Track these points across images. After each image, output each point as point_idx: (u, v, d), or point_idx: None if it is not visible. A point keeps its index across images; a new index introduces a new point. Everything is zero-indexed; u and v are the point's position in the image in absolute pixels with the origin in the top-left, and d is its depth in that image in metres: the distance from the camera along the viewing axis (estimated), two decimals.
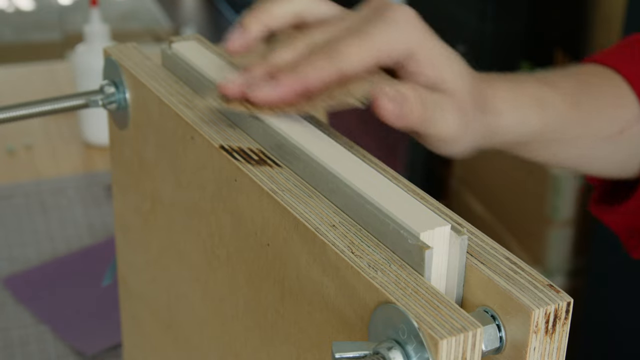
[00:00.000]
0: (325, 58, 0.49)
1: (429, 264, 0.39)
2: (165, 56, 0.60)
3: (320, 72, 0.49)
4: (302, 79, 0.49)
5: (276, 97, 0.49)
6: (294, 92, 0.49)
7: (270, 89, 0.49)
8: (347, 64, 0.49)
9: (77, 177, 1.27)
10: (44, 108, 0.60)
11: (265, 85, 0.49)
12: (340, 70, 0.49)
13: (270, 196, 0.45)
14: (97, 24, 1.29)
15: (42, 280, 1.03)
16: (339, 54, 0.49)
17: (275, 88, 0.49)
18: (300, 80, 0.49)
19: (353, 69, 0.49)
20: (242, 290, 0.50)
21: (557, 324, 0.38)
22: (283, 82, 0.49)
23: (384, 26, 0.50)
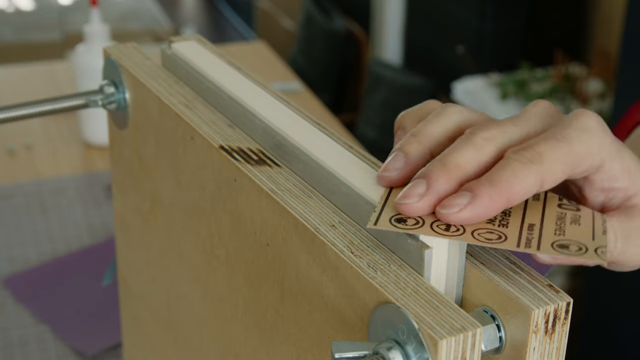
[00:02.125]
0: (525, 162, 0.40)
1: (429, 263, 0.39)
2: (165, 56, 0.60)
3: (523, 178, 0.40)
4: (504, 187, 0.39)
5: (477, 217, 0.39)
6: (498, 207, 0.39)
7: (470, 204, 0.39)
8: (549, 172, 0.40)
9: (77, 177, 1.27)
10: (44, 108, 0.60)
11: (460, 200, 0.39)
12: (544, 179, 0.40)
13: (269, 196, 0.45)
14: (97, 24, 1.29)
15: (42, 280, 1.03)
16: (538, 156, 0.40)
17: (474, 202, 0.39)
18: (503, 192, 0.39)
19: (553, 180, 0.41)
20: (242, 290, 0.50)
21: (557, 324, 0.38)
22: (482, 193, 0.39)
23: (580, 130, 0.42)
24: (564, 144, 0.41)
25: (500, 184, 0.39)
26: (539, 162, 0.40)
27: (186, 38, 0.61)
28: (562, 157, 0.41)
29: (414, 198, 0.40)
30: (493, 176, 0.40)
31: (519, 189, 0.40)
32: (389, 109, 2.52)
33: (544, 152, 0.41)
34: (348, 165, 0.45)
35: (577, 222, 0.41)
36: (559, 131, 0.42)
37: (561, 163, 0.41)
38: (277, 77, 1.65)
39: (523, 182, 0.40)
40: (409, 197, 0.40)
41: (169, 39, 0.61)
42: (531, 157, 0.40)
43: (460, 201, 0.39)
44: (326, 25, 2.86)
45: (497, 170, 0.40)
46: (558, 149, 0.41)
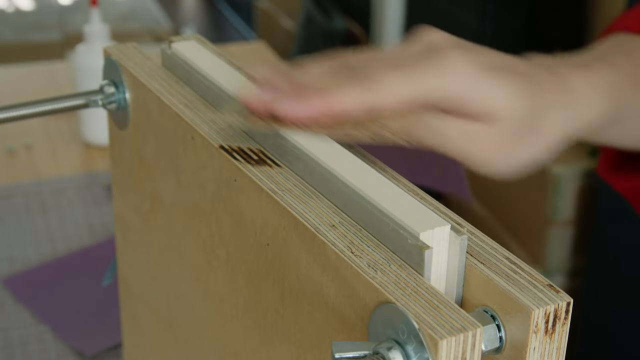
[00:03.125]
0: (357, 84, 0.45)
1: (429, 264, 0.39)
2: (165, 56, 0.60)
3: (351, 98, 0.45)
4: (328, 101, 0.45)
5: (303, 115, 0.45)
6: (322, 113, 0.45)
7: (298, 106, 0.45)
8: (382, 97, 0.45)
9: (77, 177, 1.27)
10: (44, 108, 0.60)
11: (292, 101, 0.45)
12: (374, 102, 0.45)
13: (270, 196, 0.45)
14: (97, 24, 1.29)
15: (42, 280, 1.03)
16: (375, 83, 0.45)
17: (303, 105, 0.45)
18: (326, 101, 0.45)
19: (388, 104, 0.45)
20: (242, 290, 0.50)
21: (557, 324, 0.38)
22: (311, 100, 0.45)
23: (434, 67, 0.46)
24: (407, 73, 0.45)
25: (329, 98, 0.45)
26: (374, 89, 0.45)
27: (186, 38, 0.61)
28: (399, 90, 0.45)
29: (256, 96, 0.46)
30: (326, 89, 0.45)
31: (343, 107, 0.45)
32: None
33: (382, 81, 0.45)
34: (348, 165, 0.45)
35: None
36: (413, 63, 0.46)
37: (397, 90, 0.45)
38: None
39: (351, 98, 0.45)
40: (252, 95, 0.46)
41: (169, 39, 0.61)
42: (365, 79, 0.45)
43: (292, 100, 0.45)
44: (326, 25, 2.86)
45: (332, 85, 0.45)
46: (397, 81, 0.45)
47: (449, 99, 0.47)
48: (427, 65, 0.46)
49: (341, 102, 0.45)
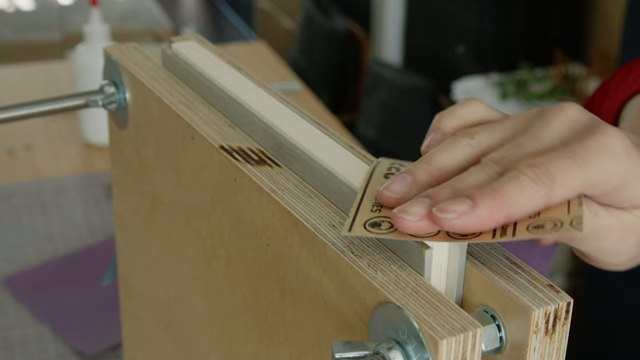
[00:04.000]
0: (536, 181, 0.39)
1: (429, 263, 0.39)
2: (165, 56, 0.60)
3: (529, 198, 0.38)
4: (506, 203, 0.38)
5: (472, 224, 0.38)
6: (495, 220, 0.38)
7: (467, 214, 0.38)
8: (559, 193, 0.39)
9: (77, 177, 1.27)
10: (44, 108, 0.60)
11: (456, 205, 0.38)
12: (550, 199, 0.39)
13: (270, 196, 0.45)
14: (97, 24, 1.29)
15: (42, 280, 1.03)
16: (550, 178, 0.39)
17: (472, 212, 0.38)
18: (503, 204, 0.38)
19: (562, 199, 0.39)
20: (242, 290, 0.50)
21: (557, 324, 0.38)
22: (482, 204, 0.38)
23: (600, 154, 0.40)
24: (580, 167, 0.39)
25: (504, 198, 0.38)
26: (550, 183, 0.39)
27: (186, 38, 0.61)
28: (575, 181, 0.39)
29: (415, 217, 0.38)
30: (497, 187, 0.38)
31: (522, 207, 0.38)
32: (389, 109, 2.52)
33: (556, 173, 0.39)
34: (348, 165, 0.45)
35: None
36: (577, 149, 0.40)
37: (573, 187, 0.39)
38: (277, 77, 1.65)
39: (528, 200, 0.38)
40: (409, 214, 0.38)
41: (169, 39, 0.61)
42: (543, 176, 0.39)
43: (459, 208, 0.38)
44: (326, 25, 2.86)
45: (504, 182, 0.38)
46: (573, 171, 0.39)
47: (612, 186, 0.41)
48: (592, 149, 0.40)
49: (517, 203, 0.38)
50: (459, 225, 0.38)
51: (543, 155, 0.40)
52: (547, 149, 0.41)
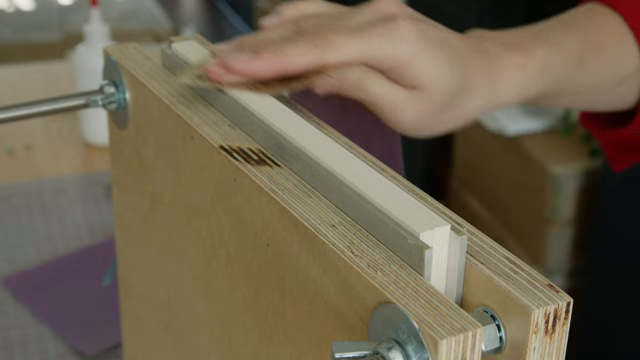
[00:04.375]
0: (311, 44, 0.49)
1: (429, 264, 0.39)
2: (165, 56, 0.60)
3: (302, 56, 0.49)
4: (282, 58, 0.49)
5: (252, 71, 0.49)
6: (271, 70, 0.49)
7: (248, 61, 0.49)
8: (331, 56, 0.49)
9: (77, 177, 1.27)
10: (44, 108, 0.60)
11: (244, 57, 0.49)
12: (322, 60, 0.49)
13: (269, 196, 0.45)
14: (97, 24, 1.29)
15: (42, 280, 1.03)
16: (326, 43, 0.49)
17: (253, 61, 0.49)
18: (279, 59, 0.49)
19: (336, 62, 0.49)
20: (242, 290, 0.50)
21: (557, 324, 0.38)
22: (262, 57, 0.49)
23: (383, 35, 0.50)
24: (358, 40, 0.49)
25: (280, 54, 0.49)
26: (324, 46, 0.49)
27: (186, 38, 0.61)
28: (349, 49, 0.49)
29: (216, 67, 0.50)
30: (279, 45, 0.49)
31: (294, 62, 0.49)
32: None
33: (332, 40, 0.49)
34: (348, 165, 0.45)
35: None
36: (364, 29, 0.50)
37: (347, 54, 0.49)
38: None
39: (300, 57, 0.49)
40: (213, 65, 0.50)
41: (169, 39, 0.61)
42: (319, 41, 0.49)
43: (243, 57, 0.49)
44: None
45: (285, 42, 0.49)
46: (349, 42, 0.49)
47: (391, 64, 0.51)
48: (377, 32, 0.50)
49: (292, 60, 0.49)
50: (239, 68, 0.49)
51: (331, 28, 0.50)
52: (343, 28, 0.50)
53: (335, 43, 0.49)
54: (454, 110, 0.56)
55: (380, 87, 0.52)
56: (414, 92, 0.53)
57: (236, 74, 0.50)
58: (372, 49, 0.50)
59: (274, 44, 0.50)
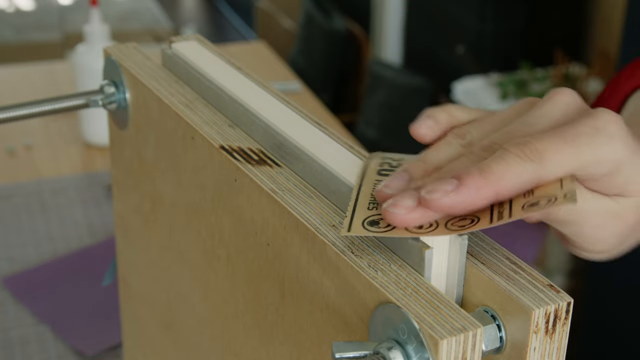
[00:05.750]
0: (523, 157, 0.38)
1: (429, 263, 0.39)
2: (165, 56, 0.60)
3: (517, 174, 0.38)
4: (493, 180, 0.38)
5: (461, 202, 0.38)
6: (484, 196, 0.38)
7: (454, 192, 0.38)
8: (549, 170, 0.39)
9: (77, 177, 1.27)
10: (44, 108, 0.60)
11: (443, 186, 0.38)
12: (540, 176, 0.39)
13: (270, 196, 0.45)
14: (97, 24, 1.29)
15: (42, 280, 1.03)
16: (538, 154, 0.39)
17: (459, 190, 0.38)
18: (490, 181, 0.38)
19: (553, 177, 0.39)
20: (242, 290, 0.50)
21: (557, 324, 0.38)
22: (467, 182, 0.38)
23: (593, 136, 0.40)
24: (570, 146, 0.39)
25: (490, 176, 0.38)
26: (538, 159, 0.38)
27: (186, 38, 0.61)
28: (565, 159, 0.39)
29: (404, 209, 0.38)
30: (484, 166, 0.38)
31: (509, 184, 0.38)
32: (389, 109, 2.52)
33: (544, 151, 0.39)
34: (348, 165, 0.45)
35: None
36: (569, 130, 0.40)
37: (563, 165, 0.39)
38: (277, 77, 1.65)
39: (515, 177, 0.38)
40: (398, 207, 0.39)
41: (169, 39, 0.61)
42: (530, 153, 0.38)
43: (445, 187, 0.38)
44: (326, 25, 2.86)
45: (490, 160, 0.38)
46: (562, 150, 0.39)
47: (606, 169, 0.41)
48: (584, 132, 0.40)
49: (506, 180, 0.38)
50: (447, 204, 0.38)
51: (532, 136, 0.40)
52: (537, 132, 0.40)
53: (549, 152, 0.39)
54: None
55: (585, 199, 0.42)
56: (619, 201, 0.43)
57: (436, 210, 0.38)
58: (583, 153, 0.40)
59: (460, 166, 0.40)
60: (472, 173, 0.38)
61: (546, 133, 0.40)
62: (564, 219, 0.42)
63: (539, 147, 0.39)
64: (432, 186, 0.38)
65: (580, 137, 0.40)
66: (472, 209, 0.38)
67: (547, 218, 0.42)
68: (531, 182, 0.39)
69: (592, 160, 0.40)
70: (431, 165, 0.41)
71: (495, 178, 0.38)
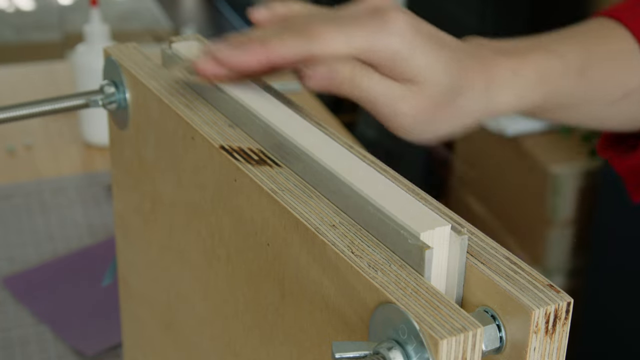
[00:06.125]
0: (296, 36, 0.49)
1: (429, 264, 0.39)
2: (165, 56, 0.60)
3: (287, 48, 0.49)
4: (268, 50, 0.49)
5: (239, 62, 0.50)
6: (257, 60, 0.50)
7: (235, 53, 0.50)
8: (318, 47, 0.49)
9: (77, 177, 1.27)
10: (44, 108, 0.60)
11: (235, 50, 0.50)
12: (309, 51, 0.49)
13: (270, 196, 0.45)
14: (97, 24, 1.29)
15: (42, 280, 1.03)
16: (313, 35, 0.49)
17: (240, 53, 0.50)
18: (265, 51, 0.49)
19: (323, 54, 0.49)
20: (242, 290, 0.50)
21: (557, 324, 0.38)
22: (249, 49, 0.50)
23: (375, 27, 0.50)
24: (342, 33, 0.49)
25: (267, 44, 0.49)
26: (308, 38, 0.49)
27: (186, 38, 0.61)
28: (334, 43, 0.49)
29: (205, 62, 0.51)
30: (264, 38, 0.50)
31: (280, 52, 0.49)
32: None
33: (316, 32, 0.49)
34: (348, 165, 0.45)
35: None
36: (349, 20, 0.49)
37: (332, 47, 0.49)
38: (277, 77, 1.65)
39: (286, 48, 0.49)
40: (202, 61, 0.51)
41: (169, 39, 0.61)
42: (303, 32, 0.49)
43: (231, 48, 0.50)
44: None
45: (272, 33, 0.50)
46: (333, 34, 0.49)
47: (384, 57, 0.50)
48: (368, 24, 0.49)
49: (280, 51, 0.49)
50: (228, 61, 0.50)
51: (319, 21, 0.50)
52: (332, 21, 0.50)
53: (322, 34, 0.49)
54: (451, 109, 0.54)
55: (373, 81, 0.51)
56: (408, 86, 0.52)
57: (224, 66, 0.50)
58: (364, 41, 0.49)
59: (261, 38, 0.50)
60: (253, 41, 0.50)
61: (329, 19, 0.50)
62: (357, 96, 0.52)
63: (313, 28, 0.49)
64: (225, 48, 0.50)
65: (357, 27, 0.49)
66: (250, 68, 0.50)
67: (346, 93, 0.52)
68: (302, 55, 0.49)
69: (363, 48, 0.49)
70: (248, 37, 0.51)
71: (270, 46, 0.49)
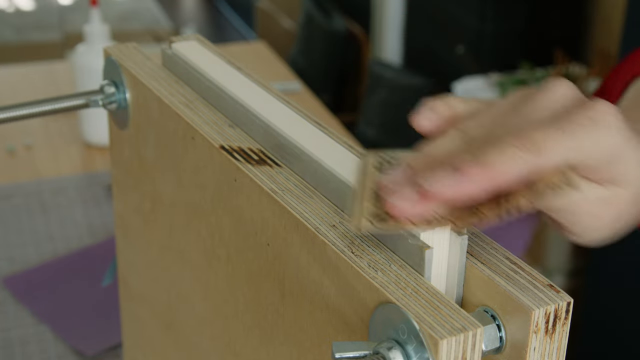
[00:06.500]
0: (520, 147, 0.39)
1: (429, 263, 0.39)
2: (165, 56, 0.60)
3: (513, 164, 0.38)
4: (490, 170, 0.38)
5: (459, 192, 0.38)
6: (482, 186, 0.38)
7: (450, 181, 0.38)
8: (545, 159, 0.39)
9: (77, 177, 1.27)
10: (44, 108, 0.60)
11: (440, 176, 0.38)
12: (537, 166, 0.39)
13: (270, 196, 0.45)
14: (97, 24, 1.29)
15: (42, 280, 1.03)
16: (535, 144, 0.39)
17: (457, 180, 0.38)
18: (488, 172, 0.38)
19: (549, 167, 0.39)
20: (242, 290, 0.50)
21: (557, 324, 0.38)
22: (466, 172, 0.38)
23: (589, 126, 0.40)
24: (566, 136, 0.39)
25: (488, 166, 0.38)
26: (534, 149, 0.39)
27: (186, 38, 0.61)
28: (561, 149, 0.39)
29: (406, 201, 0.39)
30: (482, 156, 0.38)
31: (507, 174, 0.38)
32: (389, 109, 2.52)
33: (541, 141, 0.39)
34: (348, 165, 0.45)
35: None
36: (566, 120, 0.40)
37: (560, 154, 0.39)
38: (277, 77, 1.65)
39: (512, 167, 0.38)
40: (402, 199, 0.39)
41: (169, 39, 0.61)
42: (526, 142, 0.39)
43: (445, 178, 0.38)
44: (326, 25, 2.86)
45: (486, 150, 0.39)
46: (559, 140, 0.39)
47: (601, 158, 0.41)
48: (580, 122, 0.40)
49: (503, 170, 0.38)
50: (447, 195, 0.38)
51: (529, 126, 0.40)
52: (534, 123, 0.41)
53: (546, 142, 0.39)
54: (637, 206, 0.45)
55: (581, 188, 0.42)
56: (612, 189, 0.43)
57: (438, 201, 0.38)
58: (580, 143, 0.40)
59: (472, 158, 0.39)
60: (467, 161, 0.38)
61: (543, 123, 0.40)
62: (561, 207, 0.43)
63: (535, 137, 0.39)
64: (433, 178, 0.38)
65: (577, 127, 0.40)
66: (472, 199, 0.39)
67: (545, 206, 0.43)
68: (528, 172, 0.39)
69: (589, 151, 0.40)
70: (432, 159, 0.41)
71: (493, 168, 0.38)
